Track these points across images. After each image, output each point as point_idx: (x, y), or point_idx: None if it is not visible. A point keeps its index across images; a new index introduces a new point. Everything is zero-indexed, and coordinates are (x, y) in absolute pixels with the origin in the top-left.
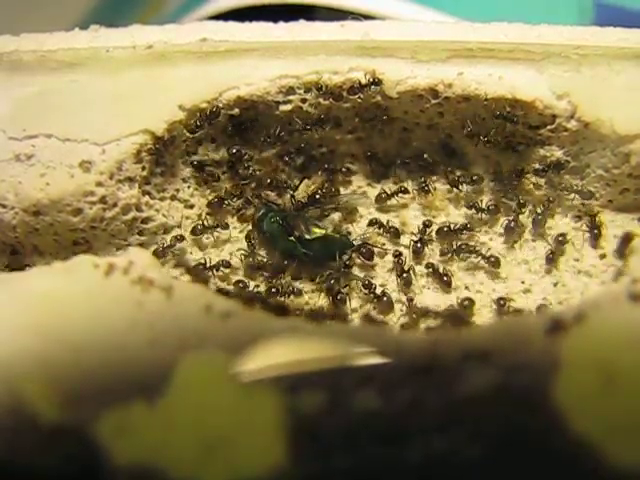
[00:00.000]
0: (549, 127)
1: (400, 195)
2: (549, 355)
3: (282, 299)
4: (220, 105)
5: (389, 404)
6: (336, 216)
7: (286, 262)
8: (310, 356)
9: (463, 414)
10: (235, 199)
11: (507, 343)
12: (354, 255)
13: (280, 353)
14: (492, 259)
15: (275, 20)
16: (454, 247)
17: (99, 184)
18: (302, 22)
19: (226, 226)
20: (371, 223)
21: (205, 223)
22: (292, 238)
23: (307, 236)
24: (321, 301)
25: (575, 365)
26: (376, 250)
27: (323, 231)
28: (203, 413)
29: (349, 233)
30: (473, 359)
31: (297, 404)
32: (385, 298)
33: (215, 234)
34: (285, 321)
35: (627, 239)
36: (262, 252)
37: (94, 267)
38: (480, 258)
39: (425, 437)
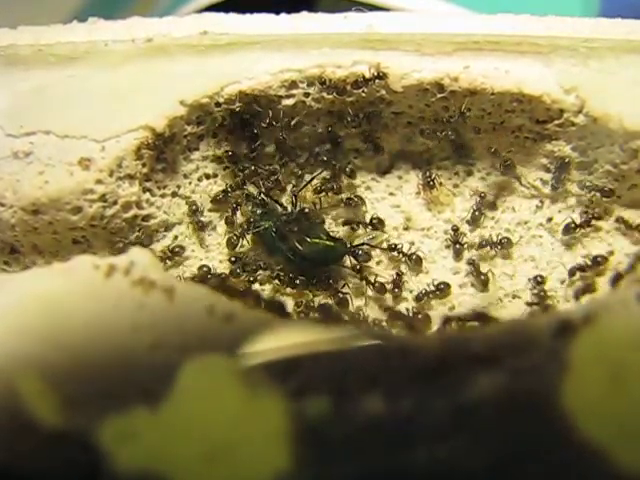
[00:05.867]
0: (556, 122)
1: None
2: (557, 357)
3: (285, 300)
4: (221, 100)
5: (394, 409)
6: (340, 212)
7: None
8: (314, 359)
9: (470, 419)
10: (237, 194)
11: (515, 345)
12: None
13: (284, 356)
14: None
15: (276, 9)
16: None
17: (99, 182)
18: (304, 14)
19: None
20: (372, 222)
21: (230, 188)
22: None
23: (300, 248)
24: (324, 302)
25: (584, 367)
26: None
27: (317, 241)
28: (206, 418)
29: (353, 230)
30: (480, 362)
31: (301, 408)
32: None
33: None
34: (289, 323)
35: None
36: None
37: (94, 268)
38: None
39: (431, 443)
